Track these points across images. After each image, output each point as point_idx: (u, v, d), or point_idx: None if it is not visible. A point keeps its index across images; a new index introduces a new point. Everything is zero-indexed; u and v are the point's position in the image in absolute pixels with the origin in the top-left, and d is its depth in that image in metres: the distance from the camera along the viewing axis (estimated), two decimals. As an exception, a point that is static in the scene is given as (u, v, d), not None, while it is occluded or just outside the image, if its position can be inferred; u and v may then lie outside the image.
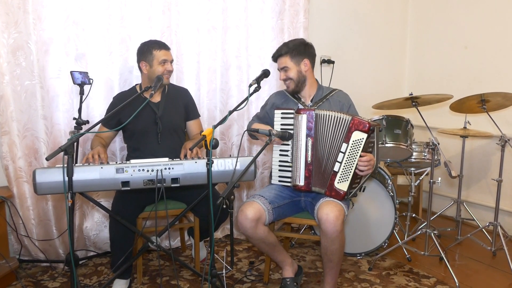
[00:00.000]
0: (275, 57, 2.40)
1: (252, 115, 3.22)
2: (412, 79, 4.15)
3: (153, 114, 2.50)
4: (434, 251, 2.82)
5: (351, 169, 2.13)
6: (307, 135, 2.21)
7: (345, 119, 2.14)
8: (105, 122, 2.45)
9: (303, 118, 2.21)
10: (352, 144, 2.11)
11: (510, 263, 2.69)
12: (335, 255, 2.17)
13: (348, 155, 2.12)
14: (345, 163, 2.13)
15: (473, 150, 3.60)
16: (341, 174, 2.15)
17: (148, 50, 2.44)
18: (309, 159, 2.22)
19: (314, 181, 2.23)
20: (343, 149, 2.13)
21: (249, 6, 3.11)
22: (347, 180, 2.14)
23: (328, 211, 2.09)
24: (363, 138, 2.09)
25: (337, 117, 2.16)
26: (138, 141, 2.51)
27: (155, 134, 2.50)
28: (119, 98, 2.51)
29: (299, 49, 2.36)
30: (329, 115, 2.18)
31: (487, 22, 3.48)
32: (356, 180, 2.16)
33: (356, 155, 2.11)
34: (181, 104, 2.63)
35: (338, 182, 2.15)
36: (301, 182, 2.24)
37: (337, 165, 2.15)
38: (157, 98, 2.55)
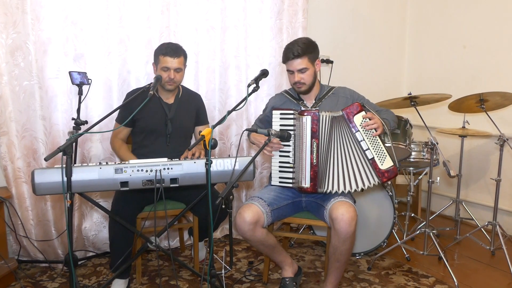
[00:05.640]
0: (292, 58, 2.26)
1: (251, 115, 3.24)
2: (411, 79, 4.16)
3: (164, 115, 2.52)
4: (433, 250, 2.83)
5: (380, 146, 2.17)
6: (312, 137, 2.19)
7: (340, 115, 2.19)
8: (120, 119, 2.52)
9: (308, 120, 2.19)
10: (362, 127, 2.16)
11: (509, 263, 2.69)
12: (343, 256, 2.17)
13: (367, 138, 2.17)
14: (372, 146, 2.17)
15: (471, 149, 3.60)
16: (377, 156, 2.17)
17: (157, 53, 2.45)
18: (314, 160, 2.20)
19: (321, 182, 2.22)
20: (360, 138, 2.17)
21: (248, 6, 3.11)
22: (386, 155, 2.18)
23: (344, 211, 2.09)
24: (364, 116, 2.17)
25: (335, 116, 2.20)
26: (147, 139, 2.52)
27: (164, 135, 2.52)
28: (132, 94, 2.53)
29: (313, 49, 2.31)
30: (332, 116, 2.20)
31: (486, 22, 3.49)
32: (389, 150, 2.20)
33: (372, 132, 2.17)
34: (193, 109, 2.64)
35: (382, 164, 2.17)
36: (306, 184, 2.22)
37: (368, 152, 2.17)
38: (170, 100, 2.56)
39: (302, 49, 2.25)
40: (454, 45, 3.73)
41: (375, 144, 2.18)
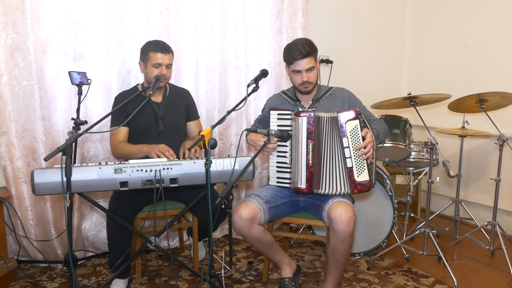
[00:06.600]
0: (301, 58, 2.25)
1: (251, 115, 3.24)
2: (411, 79, 4.16)
3: (154, 114, 2.51)
4: (432, 250, 2.83)
5: (363, 158, 2.15)
6: (308, 138, 2.19)
7: (334, 116, 2.17)
8: (116, 123, 2.48)
9: (303, 121, 2.19)
10: (351, 135, 2.15)
11: (509, 263, 2.68)
12: (342, 256, 2.17)
13: (352, 147, 2.15)
14: (354, 155, 2.15)
15: (471, 149, 3.60)
16: (356, 167, 2.16)
17: (145, 50, 2.44)
18: (310, 161, 2.20)
19: (317, 183, 2.21)
20: (346, 144, 2.16)
21: (247, 6, 3.11)
22: (364, 169, 2.16)
23: (342, 211, 2.09)
24: (357, 125, 2.14)
25: (329, 117, 2.18)
26: (141, 140, 2.51)
27: (157, 134, 2.51)
28: (122, 97, 2.51)
29: (315, 48, 2.34)
30: (326, 117, 2.19)
31: (485, 22, 3.49)
32: (371, 166, 2.18)
33: (360, 143, 2.15)
34: (183, 105, 2.64)
35: (358, 176, 2.17)
36: (302, 185, 2.22)
37: (348, 161, 2.16)
38: (158, 98, 2.56)
39: (310, 48, 2.27)
40: (454, 45, 3.73)
41: (358, 155, 2.16)
